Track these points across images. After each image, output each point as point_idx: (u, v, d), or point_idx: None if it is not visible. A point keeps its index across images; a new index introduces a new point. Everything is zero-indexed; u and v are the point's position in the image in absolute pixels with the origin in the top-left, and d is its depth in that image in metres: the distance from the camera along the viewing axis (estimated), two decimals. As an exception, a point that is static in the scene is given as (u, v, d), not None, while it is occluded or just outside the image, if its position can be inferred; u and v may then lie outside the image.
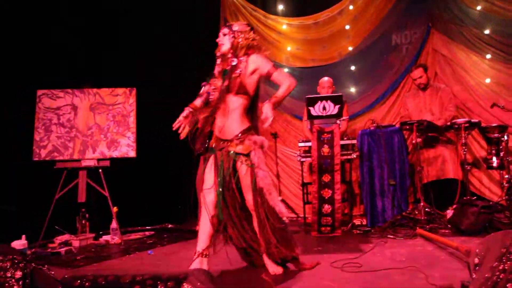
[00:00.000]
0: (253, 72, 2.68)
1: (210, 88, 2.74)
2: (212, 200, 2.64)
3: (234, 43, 2.69)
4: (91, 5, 5.12)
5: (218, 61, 2.77)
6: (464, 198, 4.04)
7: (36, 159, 4.40)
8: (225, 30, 2.74)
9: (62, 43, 4.81)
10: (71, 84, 4.65)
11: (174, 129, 2.69)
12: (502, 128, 4.33)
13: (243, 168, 2.57)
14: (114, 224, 4.31)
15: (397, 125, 4.74)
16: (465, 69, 5.22)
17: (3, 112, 4.25)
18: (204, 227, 2.67)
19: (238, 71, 2.63)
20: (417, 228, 3.86)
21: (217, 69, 2.76)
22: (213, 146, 2.72)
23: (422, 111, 4.82)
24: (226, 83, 2.64)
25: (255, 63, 2.68)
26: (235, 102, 2.64)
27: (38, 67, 4.55)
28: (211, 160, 2.70)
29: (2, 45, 4.33)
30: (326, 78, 5.15)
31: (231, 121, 2.62)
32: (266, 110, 2.49)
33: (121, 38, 5.31)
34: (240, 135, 2.60)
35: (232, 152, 2.59)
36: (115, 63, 5.11)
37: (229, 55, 2.70)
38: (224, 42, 2.72)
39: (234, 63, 2.65)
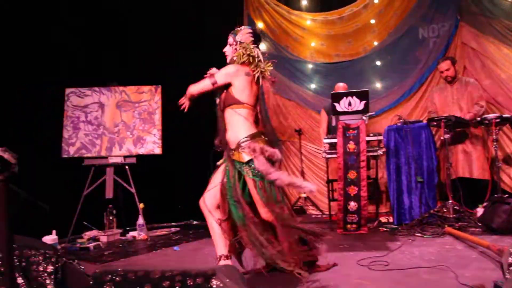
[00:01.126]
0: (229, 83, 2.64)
1: None
2: (213, 203, 2.65)
3: (233, 56, 2.71)
4: (115, 4, 5.19)
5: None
6: (495, 195, 3.93)
7: (65, 156, 4.50)
8: (230, 39, 2.75)
9: (88, 42, 4.89)
10: (98, 83, 4.73)
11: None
12: (535, 124, 4.19)
13: (249, 182, 2.48)
14: (140, 220, 4.38)
15: (425, 121, 4.65)
16: (495, 62, 5.06)
17: (32, 110, 4.35)
18: (214, 231, 2.65)
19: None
20: (446, 226, 3.77)
21: None
22: (225, 155, 2.68)
23: (449, 105, 4.69)
24: (217, 100, 2.73)
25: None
26: (231, 115, 2.61)
27: (65, 66, 4.64)
28: (222, 167, 2.68)
29: (31, 45, 4.42)
30: (341, 84, 5.12)
31: (231, 132, 2.60)
32: None
33: (145, 35, 5.36)
34: (242, 143, 2.51)
35: (236, 161, 2.54)
36: (141, 61, 5.17)
37: None
38: (228, 53, 2.78)
39: None
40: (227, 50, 2.78)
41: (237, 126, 2.57)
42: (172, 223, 5.20)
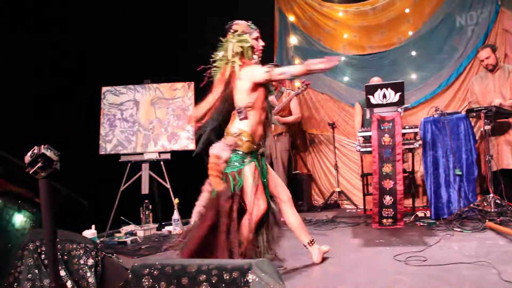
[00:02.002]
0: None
1: None
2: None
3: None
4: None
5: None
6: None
7: (102, 153, 4.62)
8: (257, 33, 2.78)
9: (124, 40, 4.98)
10: (133, 80, 4.82)
11: None
12: None
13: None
14: (175, 215, 4.45)
15: (463, 112, 4.49)
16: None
17: (71, 109, 4.48)
18: (297, 223, 2.86)
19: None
20: (487, 221, 3.64)
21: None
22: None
23: (490, 94, 4.51)
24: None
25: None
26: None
27: (101, 65, 4.75)
28: (249, 168, 2.60)
29: (70, 45, 4.56)
30: (376, 78, 5.03)
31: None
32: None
33: (180, 33, 5.42)
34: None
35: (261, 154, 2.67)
36: (173, 57, 5.23)
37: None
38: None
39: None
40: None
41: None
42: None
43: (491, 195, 3.99)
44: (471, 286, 2.11)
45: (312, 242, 2.79)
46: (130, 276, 1.54)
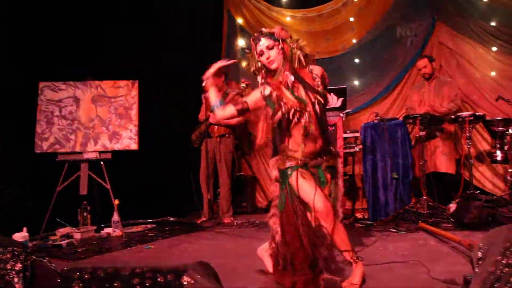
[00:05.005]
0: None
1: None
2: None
3: (288, 54, 2.28)
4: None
5: (261, 79, 2.38)
6: (467, 192, 4.02)
7: (38, 151, 4.39)
8: (267, 41, 2.30)
9: (63, 34, 4.78)
10: (73, 77, 4.63)
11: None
12: (507, 122, 4.29)
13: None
14: (115, 217, 4.31)
15: (401, 118, 4.71)
16: (470, 62, 5.17)
17: (5, 104, 4.23)
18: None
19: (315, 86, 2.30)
20: (420, 222, 3.84)
21: (264, 91, 2.33)
22: None
23: (425, 103, 4.76)
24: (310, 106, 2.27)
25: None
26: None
27: (39, 59, 4.53)
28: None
29: (3, 38, 4.31)
30: None
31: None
32: None
33: (122, 30, 5.27)
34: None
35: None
36: (117, 56, 5.09)
37: (284, 71, 2.28)
38: (275, 58, 2.29)
39: (291, 79, 2.28)
40: (271, 54, 2.30)
41: None
42: (148, 220, 5.14)
43: (424, 197, 4.20)
44: (402, 284, 2.21)
45: None
46: (58, 280, 1.47)
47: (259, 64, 2.35)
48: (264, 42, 2.30)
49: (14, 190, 4.21)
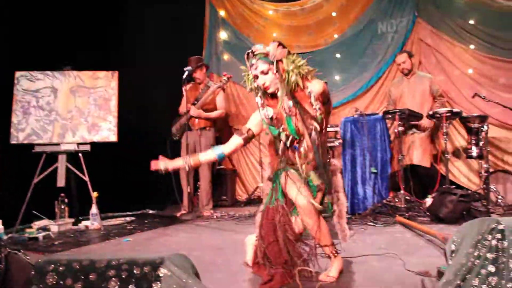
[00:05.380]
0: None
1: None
2: None
3: (285, 78, 2.18)
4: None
5: (260, 101, 2.29)
6: (443, 186, 4.10)
7: (14, 142, 4.30)
8: (262, 66, 2.19)
9: (43, 23, 4.67)
10: (51, 66, 4.53)
11: None
12: (483, 118, 4.38)
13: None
14: (94, 210, 4.26)
15: (380, 114, 4.76)
16: (448, 59, 5.26)
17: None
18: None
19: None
20: (397, 215, 3.90)
21: (267, 114, 2.28)
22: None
23: (404, 98, 4.83)
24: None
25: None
26: None
27: (15, 48, 4.42)
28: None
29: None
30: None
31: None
32: None
33: (102, 19, 5.18)
34: None
35: None
36: (96, 46, 5.00)
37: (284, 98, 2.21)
38: (271, 83, 2.22)
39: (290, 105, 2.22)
40: (266, 80, 2.22)
41: None
42: (127, 212, 5.09)
43: (402, 192, 4.27)
44: (377, 276, 2.24)
45: None
46: (33, 273, 1.44)
47: (255, 85, 2.27)
48: (258, 67, 2.19)
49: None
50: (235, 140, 2.37)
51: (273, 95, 2.29)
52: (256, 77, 2.23)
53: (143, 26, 5.56)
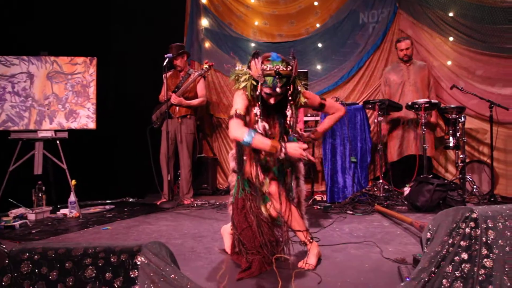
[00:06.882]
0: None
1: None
2: None
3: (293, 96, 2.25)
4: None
5: (258, 111, 2.22)
6: (421, 176, 4.17)
7: (-11, 129, 4.19)
8: (282, 88, 2.15)
9: (18, 6, 4.54)
10: (27, 51, 4.41)
11: None
12: (460, 109, 4.46)
13: None
14: (72, 198, 4.20)
15: (361, 104, 4.80)
16: (428, 50, 5.31)
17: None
18: None
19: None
20: (376, 204, 3.97)
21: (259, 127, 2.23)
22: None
23: (406, 85, 4.84)
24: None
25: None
26: None
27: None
28: None
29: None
30: None
31: None
32: None
33: (81, 4, 5.06)
34: None
35: None
36: (74, 31, 4.89)
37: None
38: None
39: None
40: (278, 99, 2.25)
41: None
42: (107, 200, 5.04)
43: (381, 181, 4.33)
44: (355, 263, 2.28)
45: None
46: (7, 261, 1.42)
47: (257, 92, 2.21)
48: (278, 89, 2.13)
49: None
50: (241, 123, 2.21)
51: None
52: (269, 93, 2.17)
53: (123, 12, 5.46)
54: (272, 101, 2.21)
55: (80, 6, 5.02)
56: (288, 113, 2.26)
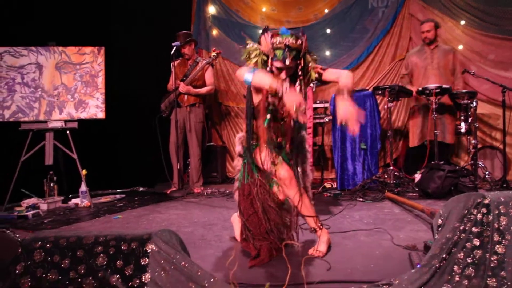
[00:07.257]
0: None
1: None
2: None
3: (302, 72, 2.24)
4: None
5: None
6: (432, 162, 4.13)
7: (0, 120, 4.23)
8: (292, 62, 2.15)
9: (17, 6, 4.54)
10: (35, 42, 4.43)
11: None
12: (472, 94, 4.40)
13: None
14: (83, 187, 4.23)
15: (370, 90, 4.75)
16: (439, 35, 5.21)
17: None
18: None
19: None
20: (386, 191, 3.94)
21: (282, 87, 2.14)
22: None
23: (429, 69, 4.75)
24: None
25: None
26: None
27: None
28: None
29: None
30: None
31: None
32: None
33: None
34: None
35: None
36: (82, 21, 4.88)
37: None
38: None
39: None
40: (289, 73, 2.24)
41: None
42: (118, 190, 5.08)
43: (391, 167, 4.30)
44: (365, 250, 2.27)
45: None
46: (20, 250, 1.43)
47: (268, 68, 2.22)
48: (287, 62, 2.12)
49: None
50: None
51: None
52: (279, 67, 2.17)
53: (127, 3, 5.43)
54: (283, 75, 2.19)
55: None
56: (297, 88, 2.23)
